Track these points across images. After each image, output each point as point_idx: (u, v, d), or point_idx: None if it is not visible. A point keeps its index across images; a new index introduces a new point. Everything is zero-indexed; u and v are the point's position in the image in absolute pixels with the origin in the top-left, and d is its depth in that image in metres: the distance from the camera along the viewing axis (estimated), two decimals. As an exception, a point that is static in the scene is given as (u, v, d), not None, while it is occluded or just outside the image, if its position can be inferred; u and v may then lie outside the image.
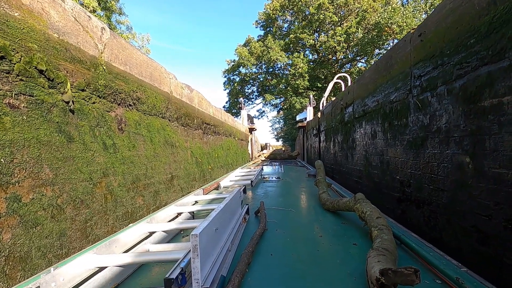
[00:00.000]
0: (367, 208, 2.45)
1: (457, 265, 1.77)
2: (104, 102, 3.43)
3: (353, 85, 6.69)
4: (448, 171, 2.92)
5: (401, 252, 2.05)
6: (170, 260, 1.64)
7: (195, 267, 1.34)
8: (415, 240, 2.23)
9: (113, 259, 1.66)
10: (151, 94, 4.62)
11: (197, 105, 7.24)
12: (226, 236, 2.09)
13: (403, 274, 1.23)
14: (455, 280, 1.55)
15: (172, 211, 2.91)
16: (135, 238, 2.18)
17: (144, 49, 20.22)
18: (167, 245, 2.09)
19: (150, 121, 4.63)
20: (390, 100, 4.41)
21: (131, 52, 4.02)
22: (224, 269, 1.70)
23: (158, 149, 4.81)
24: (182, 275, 1.42)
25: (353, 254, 2.10)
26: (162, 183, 4.86)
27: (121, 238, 2.04)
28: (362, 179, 5.99)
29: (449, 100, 2.90)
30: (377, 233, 2.00)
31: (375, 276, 1.34)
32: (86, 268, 1.60)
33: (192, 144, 6.81)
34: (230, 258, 1.89)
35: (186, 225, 2.47)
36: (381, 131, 4.84)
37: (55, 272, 1.42)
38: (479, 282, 1.53)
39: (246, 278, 1.68)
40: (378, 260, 1.51)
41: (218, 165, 9.58)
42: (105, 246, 1.81)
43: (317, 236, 2.54)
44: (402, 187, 4.02)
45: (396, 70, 4.18)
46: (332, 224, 2.94)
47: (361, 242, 2.32)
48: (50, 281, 1.36)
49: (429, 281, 1.65)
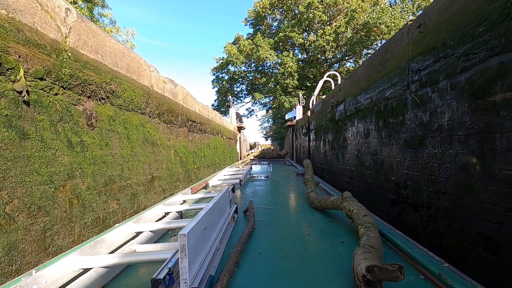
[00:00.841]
0: (354, 206, 2.48)
1: (439, 261, 1.81)
2: (70, 94, 3.00)
3: (345, 82, 6.47)
4: (451, 173, 2.70)
5: (387, 249, 2.08)
6: (158, 260, 1.63)
7: (183, 267, 1.33)
8: (400, 237, 2.28)
9: (98, 260, 1.64)
10: (128, 87, 4.19)
11: (181, 101, 6.82)
12: (214, 235, 2.07)
13: (388, 270, 1.25)
14: (438, 276, 1.59)
15: (160, 210, 2.86)
16: (121, 238, 2.13)
17: (129, 43, 19.39)
18: (154, 245, 2.03)
19: (127, 117, 4.21)
20: (385, 96, 4.19)
21: (103, 39, 3.59)
22: (213, 269, 1.69)
23: (136, 148, 4.40)
24: (170, 275, 1.40)
25: (340, 251, 2.13)
26: (141, 184, 4.45)
27: (107, 239, 1.99)
28: (353, 179, 5.79)
29: (452, 95, 2.67)
30: (364, 230, 2.03)
31: (362, 273, 1.37)
32: (70, 269, 1.57)
33: (176, 142, 6.40)
34: (218, 257, 1.89)
35: (174, 224, 2.43)
36: (375, 129, 4.62)
37: (37, 275, 1.38)
38: (460, 277, 1.57)
39: (234, 277, 1.69)
40: (364, 257, 1.54)
41: (204, 165, 9.18)
42: (90, 247, 1.78)
43: (305, 234, 2.55)
44: (398, 189, 3.81)
45: (392, 64, 3.96)
46: (320, 222, 2.96)
47: (348, 240, 2.35)
48: (31, 284, 1.32)
49: (413, 276, 1.69)
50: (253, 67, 31.18)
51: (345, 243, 2.28)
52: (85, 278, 1.51)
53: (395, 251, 2.11)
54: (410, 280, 1.64)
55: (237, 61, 28.98)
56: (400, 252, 2.05)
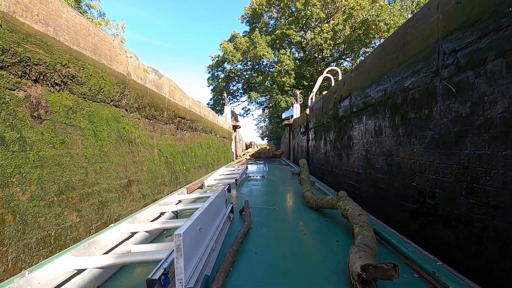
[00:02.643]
0: (349, 205, 2.48)
1: (433, 260, 1.81)
2: (3, 74, 2.27)
3: (350, 74, 5.81)
4: (507, 181, 2.04)
5: (382, 248, 2.10)
6: (153, 260, 1.62)
7: (178, 267, 1.31)
8: (395, 236, 2.27)
9: (92, 261, 1.61)
10: (95, 73, 3.46)
11: (167, 95, 6.08)
12: (210, 235, 2.05)
13: (383, 269, 1.25)
14: (431, 274, 1.59)
15: (155, 210, 2.83)
16: (116, 238, 2.10)
17: (119, 37, 18.44)
18: (149, 245, 2.01)
19: (94, 109, 3.48)
20: (403, 87, 3.53)
21: (57, 8, 2.84)
22: (208, 269, 1.68)
23: (107, 147, 3.67)
24: (165, 276, 1.38)
25: (335, 250, 2.13)
26: (113, 190, 3.72)
27: (101, 239, 1.97)
28: (360, 183, 5.13)
29: (510, 78, 2.02)
30: (359, 229, 2.03)
31: (357, 272, 1.38)
32: (64, 270, 1.54)
33: (160, 141, 5.66)
34: (214, 257, 1.88)
35: (170, 224, 2.42)
36: (389, 126, 3.97)
37: (30, 276, 1.36)
38: (453, 275, 1.58)
39: (230, 277, 1.67)
40: (359, 256, 1.54)
41: (195, 165, 8.45)
42: (84, 247, 1.76)
43: (301, 233, 2.55)
44: (421, 197, 3.15)
45: (414, 48, 3.30)
46: (316, 221, 2.95)
47: (343, 239, 2.34)
48: (24, 285, 1.31)
49: (407, 275, 1.69)
50: (250, 65, 30.54)
51: (341, 242, 2.28)
52: (79, 279, 1.49)
53: (389, 250, 2.12)
54: (404, 279, 1.64)
55: (233, 58, 28.34)
56: (395, 251, 2.06)
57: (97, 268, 1.59)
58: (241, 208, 3.11)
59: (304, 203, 3.71)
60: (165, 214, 2.83)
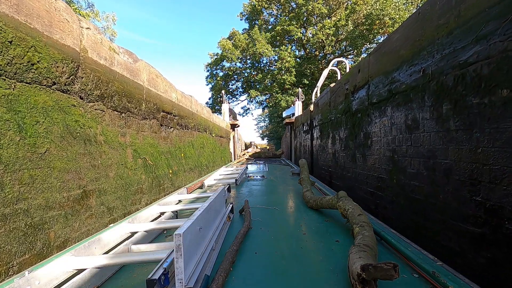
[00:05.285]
0: (349, 205, 2.47)
1: (433, 260, 1.79)
2: None
3: (368, 58, 4.79)
4: None
5: (381, 248, 2.10)
6: (153, 260, 1.60)
7: (178, 267, 1.31)
8: (394, 236, 2.25)
9: (92, 261, 1.60)
10: (19, 42, 2.43)
11: (146, 84, 5.05)
12: (210, 235, 2.03)
13: (383, 269, 1.24)
14: (431, 274, 1.58)
15: (155, 210, 2.84)
16: (116, 238, 2.08)
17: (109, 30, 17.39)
18: (149, 245, 1.95)
19: (19, 93, 2.45)
20: (458, 62, 2.52)
21: None
22: (208, 268, 1.67)
23: (44, 146, 2.65)
24: (165, 276, 1.36)
25: (335, 250, 2.12)
26: (54, 206, 2.70)
27: (101, 239, 1.95)
28: (384, 191, 4.11)
29: None
30: (359, 230, 2.03)
31: (357, 272, 1.36)
32: (64, 270, 1.53)
33: (136, 139, 4.64)
34: (214, 257, 1.88)
35: (169, 224, 2.41)
36: (430, 118, 2.96)
37: (30, 276, 1.34)
38: (453, 275, 1.56)
39: (230, 277, 1.66)
40: (359, 256, 1.53)
41: (185, 168, 7.41)
42: (84, 247, 1.73)
43: (301, 233, 2.54)
44: (493, 219, 2.15)
45: (481, 2, 2.29)
46: (316, 221, 2.94)
47: (343, 239, 2.33)
48: (24, 285, 1.29)
49: (407, 275, 1.67)
50: (249, 63, 29.53)
51: (340, 242, 2.27)
52: (79, 279, 1.49)
53: (389, 250, 2.11)
54: (404, 279, 1.62)
55: (233, 56, 27.35)
56: (395, 251, 2.04)
57: (97, 268, 1.59)
58: (241, 208, 3.13)
59: (304, 203, 3.70)
60: (165, 214, 2.85)
